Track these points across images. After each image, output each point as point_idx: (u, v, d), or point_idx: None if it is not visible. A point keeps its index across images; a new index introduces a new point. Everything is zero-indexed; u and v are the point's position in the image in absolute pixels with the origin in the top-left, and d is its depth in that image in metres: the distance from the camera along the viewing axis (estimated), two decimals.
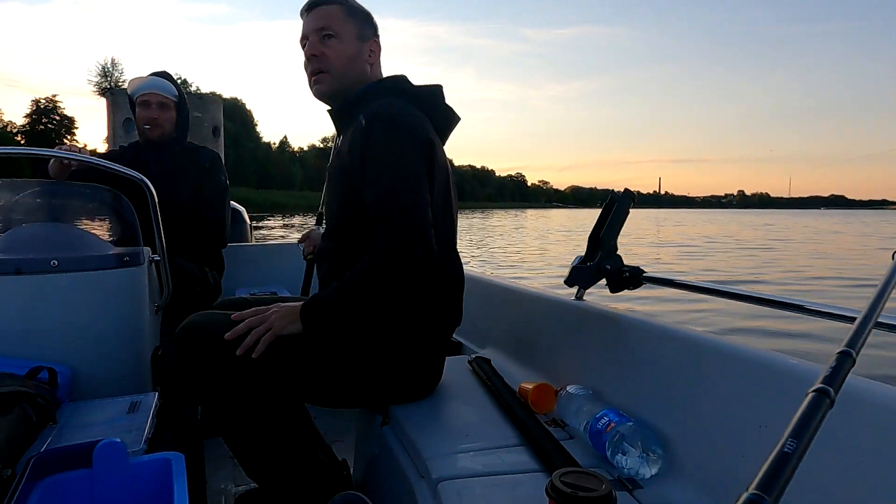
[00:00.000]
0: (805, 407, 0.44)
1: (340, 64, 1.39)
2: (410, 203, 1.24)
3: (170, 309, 1.96)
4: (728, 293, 1.24)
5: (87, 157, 1.85)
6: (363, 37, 1.43)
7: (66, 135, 66.97)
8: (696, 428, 1.06)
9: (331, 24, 1.38)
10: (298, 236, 2.34)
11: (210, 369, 1.21)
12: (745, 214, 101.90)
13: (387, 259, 1.21)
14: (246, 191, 74.57)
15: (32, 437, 1.19)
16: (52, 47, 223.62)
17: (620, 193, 1.45)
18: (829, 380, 0.47)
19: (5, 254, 1.56)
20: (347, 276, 1.25)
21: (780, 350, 1.01)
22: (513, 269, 13.36)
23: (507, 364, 1.71)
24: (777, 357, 0.97)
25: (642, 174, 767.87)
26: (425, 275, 1.23)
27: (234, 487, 1.77)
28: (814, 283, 10.99)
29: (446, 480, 1.04)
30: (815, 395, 0.45)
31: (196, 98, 6.85)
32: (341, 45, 1.39)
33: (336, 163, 1.42)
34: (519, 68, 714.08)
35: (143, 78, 2.41)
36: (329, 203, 1.47)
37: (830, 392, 0.45)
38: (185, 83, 76.29)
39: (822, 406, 0.44)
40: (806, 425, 0.42)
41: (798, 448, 0.40)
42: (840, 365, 0.49)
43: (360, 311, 1.24)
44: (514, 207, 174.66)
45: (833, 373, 0.48)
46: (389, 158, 1.27)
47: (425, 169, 1.30)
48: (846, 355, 0.50)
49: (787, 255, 17.18)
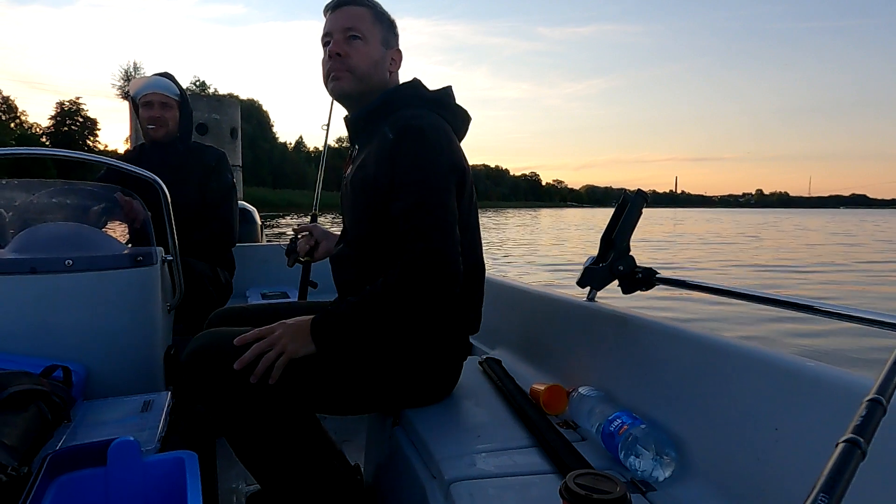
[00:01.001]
0: (836, 459, 0.42)
1: (364, 66, 1.36)
2: (440, 218, 1.22)
3: (182, 309, 1.98)
4: (741, 294, 1.23)
5: (98, 157, 1.87)
6: (388, 44, 1.41)
7: (89, 136, 68.62)
8: (710, 430, 1.06)
9: (359, 26, 1.36)
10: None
11: (222, 392, 1.19)
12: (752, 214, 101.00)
13: (415, 273, 1.18)
14: (263, 191, 75.69)
15: (48, 435, 1.20)
16: (74, 49, 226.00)
17: (633, 193, 1.44)
18: (859, 429, 0.44)
19: (20, 253, 1.58)
20: (368, 290, 1.22)
21: (794, 352, 1.00)
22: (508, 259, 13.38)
23: (519, 365, 1.70)
24: (792, 359, 0.96)
25: (659, 173, 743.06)
26: (451, 291, 1.21)
27: (246, 486, 1.78)
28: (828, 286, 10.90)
29: (459, 481, 1.04)
30: (845, 445, 0.43)
31: (214, 101, 6.91)
32: (367, 48, 1.36)
33: (359, 174, 1.37)
34: (534, 67, 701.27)
35: (145, 78, 2.43)
36: (351, 213, 1.43)
37: (861, 443, 0.43)
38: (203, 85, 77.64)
39: (853, 458, 0.42)
40: (837, 479, 0.40)
41: (830, 503, 0.38)
42: (871, 414, 0.46)
43: (379, 326, 1.21)
44: (528, 207, 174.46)
45: (864, 422, 0.45)
46: (419, 173, 1.25)
47: (454, 182, 1.29)
48: (877, 403, 0.47)
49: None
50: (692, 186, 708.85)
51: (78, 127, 69.53)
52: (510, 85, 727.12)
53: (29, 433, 1.13)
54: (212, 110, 6.47)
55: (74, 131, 68.51)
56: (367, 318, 1.21)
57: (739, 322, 6.83)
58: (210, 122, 6.36)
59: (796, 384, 0.91)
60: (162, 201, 1.81)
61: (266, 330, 1.22)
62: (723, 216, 78.81)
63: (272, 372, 1.17)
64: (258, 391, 1.18)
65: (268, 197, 70.22)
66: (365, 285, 1.23)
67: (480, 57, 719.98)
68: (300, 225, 1.87)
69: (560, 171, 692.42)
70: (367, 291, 1.22)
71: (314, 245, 1.77)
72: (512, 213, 75.00)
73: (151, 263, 1.70)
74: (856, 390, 0.83)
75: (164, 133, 2.39)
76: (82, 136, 67.85)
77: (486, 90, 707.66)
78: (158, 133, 2.38)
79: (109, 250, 1.69)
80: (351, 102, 1.43)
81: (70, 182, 1.97)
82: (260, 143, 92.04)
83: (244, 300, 2.78)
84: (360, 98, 1.40)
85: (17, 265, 1.53)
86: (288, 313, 1.57)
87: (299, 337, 1.21)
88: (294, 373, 1.21)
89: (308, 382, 1.24)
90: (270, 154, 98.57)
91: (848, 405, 0.83)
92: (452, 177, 1.29)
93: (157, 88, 2.37)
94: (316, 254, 1.77)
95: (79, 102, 71.21)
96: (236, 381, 1.18)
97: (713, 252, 17.77)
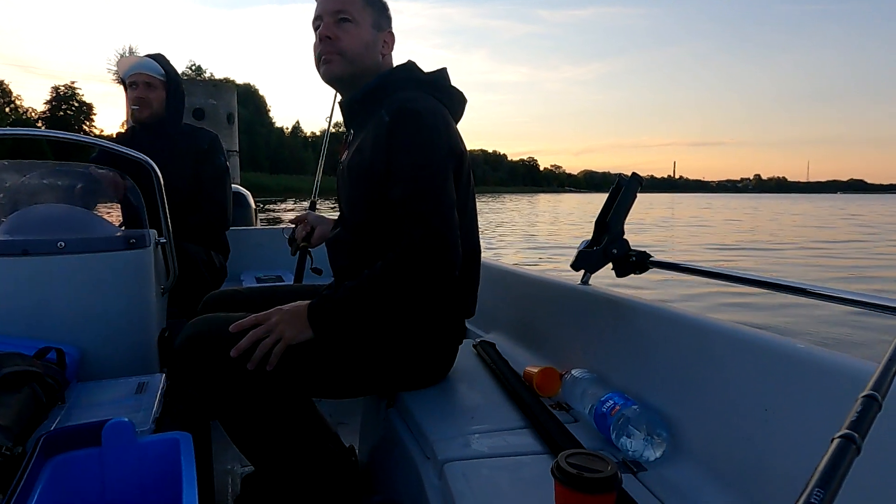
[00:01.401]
0: (831, 454, 0.42)
1: (355, 49, 1.35)
2: (440, 204, 1.21)
3: (176, 292, 1.97)
4: (733, 277, 1.23)
5: (89, 139, 1.86)
6: (379, 26, 1.40)
7: (84, 121, 68.69)
8: (701, 411, 1.07)
9: (349, 8, 1.34)
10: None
11: (216, 379, 1.19)
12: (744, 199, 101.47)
13: (414, 258, 1.18)
14: (260, 176, 75.93)
15: (42, 417, 1.20)
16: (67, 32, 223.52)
17: (628, 177, 1.44)
18: (854, 425, 0.45)
19: (13, 235, 1.57)
20: (366, 274, 1.21)
21: (785, 333, 1.01)
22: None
23: (513, 348, 1.71)
24: (782, 341, 0.97)
25: (658, 157, 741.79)
26: (450, 276, 1.21)
27: (241, 468, 1.79)
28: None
29: (452, 462, 1.05)
30: (840, 441, 0.43)
31: (211, 86, 6.88)
32: (357, 30, 1.35)
33: (356, 159, 1.35)
34: (534, 50, 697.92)
35: (131, 59, 2.40)
36: (348, 199, 1.42)
37: (856, 438, 0.43)
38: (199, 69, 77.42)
39: (848, 453, 0.42)
40: (832, 474, 0.41)
41: (825, 498, 0.39)
42: (866, 409, 0.46)
43: (376, 311, 1.21)
44: (525, 192, 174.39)
45: (859, 418, 0.45)
46: (417, 156, 1.24)
47: (452, 166, 1.28)
48: (872, 399, 0.47)
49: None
50: (691, 171, 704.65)
51: (74, 112, 69.80)
52: (509, 69, 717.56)
53: (23, 414, 1.13)
54: (208, 96, 6.45)
55: (70, 116, 68.87)
56: (365, 302, 1.20)
57: (732, 305, 6.89)
58: (207, 108, 6.34)
59: (786, 366, 0.92)
60: (155, 183, 1.80)
61: (263, 316, 1.21)
62: (715, 201, 79.45)
63: (269, 359, 1.17)
64: (253, 378, 1.18)
65: (265, 182, 70.28)
66: (361, 270, 1.23)
67: (479, 40, 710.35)
68: (297, 216, 1.91)
69: (560, 156, 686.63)
70: (365, 276, 1.21)
71: (310, 231, 1.78)
72: (508, 199, 75.20)
73: (144, 246, 1.69)
74: (845, 373, 0.84)
75: (148, 114, 2.35)
76: (78, 121, 68.24)
77: (485, 74, 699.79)
78: (143, 114, 2.34)
79: (102, 232, 1.68)
80: (343, 86, 1.42)
81: (62, 163, 1.95)
82: (257, 128, 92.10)
83: (238, 284, 2.77)
84: (352, 81, 1.39)
85: (8, 247, 1.52)
86: (283, 296, 1.57)
87: (296, 322, 1.20)
88: (290, 359, 1.20)
89: (304, 368, 1.24)
90: (267, 139, 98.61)
91: (837, 387, 0.84)
92: (450, 161, 1.28)
93: (141, 69, 2.33)
94: (312, 239, 1.78)
95: (74, 87, 71.62)
96: (231, 369, 1.17)
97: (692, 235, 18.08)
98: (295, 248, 1.88)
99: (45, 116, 67.97)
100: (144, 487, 1.07)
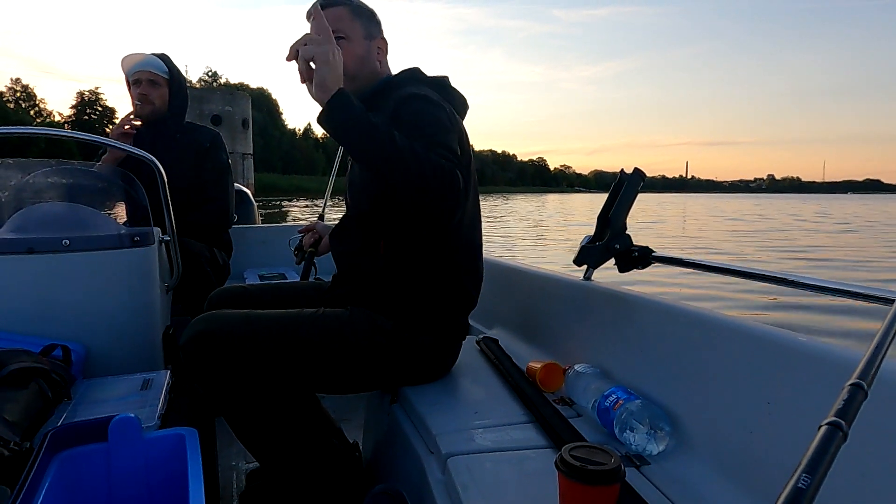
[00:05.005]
0: (818, 441, 0.43)
1: (353, 66, 1.37)
2: (450, 151, 1.18)
3: (180, 289, 1.98)
4: (736, 271, 1.24)
5: (95, 138, 1.86)
6: (370, 35, 1.42)
7: (108, 124, 70.59)
8: (703, 405, 1.07)
9: (339, 26, 1.35)
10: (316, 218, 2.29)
11: (221, 377, 1.20)
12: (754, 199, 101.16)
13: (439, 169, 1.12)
14: (273, 177, 78.77)
15: (48, 413, 1.21)
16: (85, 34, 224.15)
17: (630, 173, 1.44)
18: (841, 413, 0.46)
19: (18, 233, 1.58)
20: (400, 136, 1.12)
21: (787, 327, 1.01)
22: None
23: (516, 344, 1.72)
24: (783, 334, 0.97)
25: (671, 157, 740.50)
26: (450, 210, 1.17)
27: (245, 464, 1.80)
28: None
29: (456, 456, 1.05)
30: (828, 428, 0.44)
31: (227, 94, 6.93)
32: (351, 47, 1.37)
33: None
34: (549, 50, 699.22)
35: (135, 56, 2.40)
36: (353, 189, 1.44)
37: (843, 425, 0.44)
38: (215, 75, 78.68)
39: (834, 440, 0.43)
40: (819, 460, 0.42)
41: (812, 483, 0.40)
42: (852, 397, 0.48)
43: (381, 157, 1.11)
44: (533, 192, 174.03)
45: (845, 406, 0.47)
46: (425, 118, 1.24)
47: (456, 142, 1.28)
48: (857, 387, 0.49)
49: None
50: (704, 171, 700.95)
51: (97, 116, 71.56)
52: (524, 68, 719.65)
53: (30, 410, 1.14)
54: (225, 103, 6.50)
55: (94, 119, 70.47)
56: (380, 143, 1.11)
57: (734, 299, 6.88)
58: (224, 114, 6.40)
59: (788, 359, 0.93)
60: (158, 181, 1.80)
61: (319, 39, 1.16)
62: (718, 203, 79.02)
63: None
64: (258, 375, 1.19)
65: (277, 182, 73.18)
66: (362, 257, 1.24)
67: (494, 40, 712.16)
68: (306, 225, 2.01)
69: (572, 156, 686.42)
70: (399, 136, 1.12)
71: (318, 239, 1.87)
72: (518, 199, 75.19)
73: (149, 244, 1.70)
74: (845, 365, 0.84)
75: (150, 111, 2.36)
76: (102, 125, 70.39)
77: (500, 74, 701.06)
78: (144, 111, 2.36)
79: (107, 230, 1.69)
80: None
81: (65, 161, 1.96)
82: (270, 131, 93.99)
83: (241, 281, 2.78)
84: (354, 94, 1.40)
85: (14, 245, 1.53)
86: (288, 293, 1.57)
87: (330, 79, 1.14)
88: (294, 355, 1.21)
89: (308, 364, 1.25)
90: (280, 141, 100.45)
91: (837, 379, 0.84)
92: (454, 135, 1.27)
93: (144, 66, 2.35)
94: (319, 247, 1.86)
95: (98, 92, 75.35)
96: (236, 365, 1.18)
97: None
98: (301, 256, 1.94)
99: (71, 120, 69.88)
100: (151, 483, 1.07)
